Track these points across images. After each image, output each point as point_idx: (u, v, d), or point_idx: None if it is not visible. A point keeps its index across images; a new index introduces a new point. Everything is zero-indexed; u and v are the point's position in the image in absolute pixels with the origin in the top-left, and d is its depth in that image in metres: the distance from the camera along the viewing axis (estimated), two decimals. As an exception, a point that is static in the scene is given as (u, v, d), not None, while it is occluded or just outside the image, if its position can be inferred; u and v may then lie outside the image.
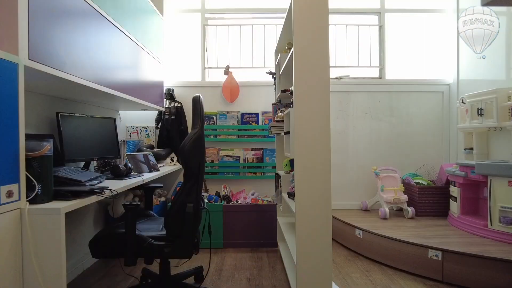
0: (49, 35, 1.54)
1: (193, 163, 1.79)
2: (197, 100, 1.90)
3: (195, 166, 1.80)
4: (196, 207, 1.85)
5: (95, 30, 1.98)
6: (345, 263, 2.64)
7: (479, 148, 2.93)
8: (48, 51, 1.53)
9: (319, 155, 1.77)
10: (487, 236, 2.47)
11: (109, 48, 2.17)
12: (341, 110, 3.58)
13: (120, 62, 2.35)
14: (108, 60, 2.16)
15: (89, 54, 1.91)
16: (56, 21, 1.60)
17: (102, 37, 2.08)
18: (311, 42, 1.76)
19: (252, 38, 3.65)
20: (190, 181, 1.80)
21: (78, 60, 1.79)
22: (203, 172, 1.92)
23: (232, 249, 3.00)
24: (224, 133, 3.43)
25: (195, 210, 1.83)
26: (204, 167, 2.01)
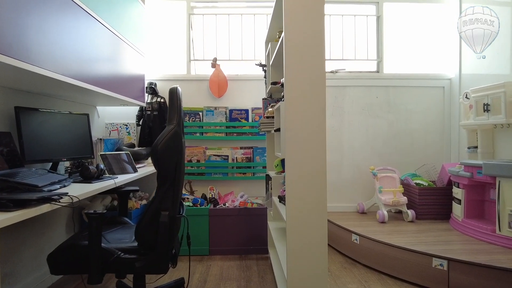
0: (10, 22, 1.32)
1: (168, 164, 1.55)
2: (174, 93, 1.66)
3: (171, 167, 1.56)
4: (173, 215, 1.61)
5: (66, 19, 1.76)
6: (342, 272, 2.43)
7: (484, 147, 2.73)
8: (8, 40, 1.31)
9: (313, 155, 1.55)
10: (495, 242, 2.28)
11: (83, 39, 1.95)
12: (336, 106, 3.36)
13: (95, 53, 2.13)
14: (82, 52, 1.94)
15: (60, 45, 1.70)
16: (19, 7, 1.38)
17: (75, 26, 1.86)
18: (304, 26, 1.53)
19: (241, 29, 3.41)
20: (165, 185, 1.56)
21: (46, 51, 1.58)
22: (182, 174, 1.68)
23: (219, 257, 2.77)
24: (211, 131, 3.19)
25: (171, 218, 1.60)
26: (183, 169, 1.77)
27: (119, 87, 2.55)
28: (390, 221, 2.89)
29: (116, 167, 2.37)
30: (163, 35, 3.38)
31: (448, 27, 3.40)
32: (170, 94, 1.66)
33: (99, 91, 2.18)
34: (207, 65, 3.30)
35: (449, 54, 3.38)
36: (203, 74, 3.31)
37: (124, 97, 2.63)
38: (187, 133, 3.20)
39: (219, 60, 3.27)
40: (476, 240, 2.37)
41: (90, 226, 1.47)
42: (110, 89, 2.37)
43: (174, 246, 1.75)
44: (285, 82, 1.54)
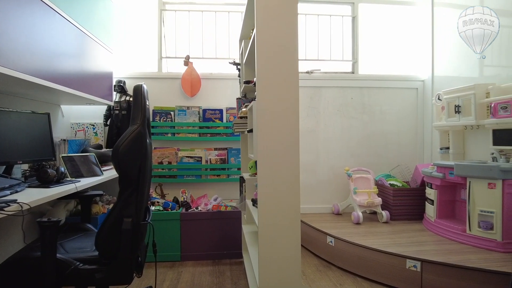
0: None
1: (130, 167, 1.44)
2: (139, 90, 1.55)
3: (134, 171, 1.45)
4: (137, 222, 1.50)
5: (25, 13, 1.63)
6: (316, 275, 2.38)
7: (456, 148, 2.78)
8: None
9: (286, 156, 1.48)
10: (466, 242, 2.30)
11: (40, 33, 1.81)
12: (311, 106, 3.33)
13: (56, 49, 1.99)
14: (39, 47, 1.80)
15: (10, 37, 1.55)
16: None
17: (35, 21, 1.73)
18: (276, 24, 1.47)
19: (215, 26, 3.31)
20: (127, 190, 1.45)
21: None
22: (147, 178, 1.57)
23: (191, 262, 2.66)
24: (183, 131, 3.07)
25: (135, 225, 1.48)
26: (149, 172, 1.66)
27: (85, 85, 2.41)
28: (365, 222, 2.88)
29: (80, 170, 2.22)
30: (133, 31, 3.23)
31: (421, 29, 3.44)
32: (135, 92, 1.55)
33: (61, 89, 2.04)
34: (180, 63, 3.18)
35: (422, 56, 3.42)
36: (175, 72, 3.19)
37: (89, 96, 2.48)
38: (157, 134, 3.07)
39: (192, 58, 3.16)
40: (448, 240, 2.39)
41: (43, 236, 1.33)
42: (74, 87, 2.23)
43: (139, 254, 1.64)
44: (257, 82, 1.47)
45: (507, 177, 2.08)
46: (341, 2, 3.46)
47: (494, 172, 2.12)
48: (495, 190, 2.13)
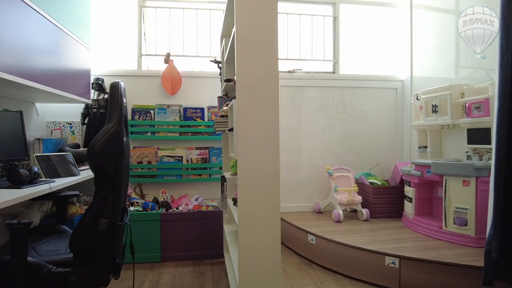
0: None
1: (106, 167, 1.39)
2: (116, 88, 1.51)
3: (110, 171, 1.41)
4: (113, 223, 1.46)
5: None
6: (297, 274, 2.39)
7: (433, 146, 2.85)
8: None
9: (266, 155, 1.47)
10: (442, 238, 2.36)
11: (14, 28, 1.75)
12: (293, 106, 3.34)
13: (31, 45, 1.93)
14: (13, 43, 1.75)
15: None
16: None
17: (4, 14, 1.66)
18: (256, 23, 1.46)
19: (196, 24, 3.27)
20: (103, 190, 1.41)
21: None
22: (123, 178, 1.53)
23: (172, 263, 2.62)
24: (163, 130, 3.02)
25: (112, 226, 1.44)
26: (126, 172, 1.62)
27: (60, 82, 2.33)
28: (345, 220, 2.91)
29: (56, 169, 2.14)
30: (112, 28, 3.15)
31: (400, 31, 3.51)
32: (111, 89, 1.51)
33: (34, 86, 1.96)
34: (160, 60, 3.13)
35: (402, 57, 3.49)
36: (156, 70, 3.14)
37: (66, 93, 2.40)
38: (137, 133, 3.01)
39: (172, 56, 3.10)
40: (426, 237, 2.45)
41: (12, 238, 1.28)
42: (49, 84, 2.15)
43: (116, 256, 1.60)
44: (236, 80, 1.46)
45: (480, 175, 2.15)
46: (323, 2, 3.48)
47: (468, 170, 2.18)
48: (469, 187, 2.20)
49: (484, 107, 2.25)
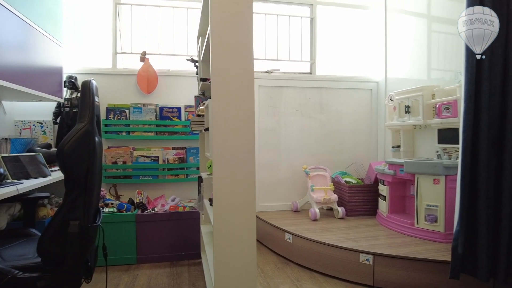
0: None
1: (76, 168, 1.35)
2: (87, 86, 1.47)
3: (80, 171, 1.37)
4: (85, 224, 1.42)
5: None
6: (275, 273, 2.41)
7: (406, 146, 2.93)
8: None
9: (242, 155, 1.47)
10: (414, 235, 2.44)
11: None
12: (272, 106, 3.36)
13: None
14: None
15: None
16: None
17: None
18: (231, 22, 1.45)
19: (173, 22, 3.23)
20: (74, 191, 1.37)
21: None
22: (96, 178, 1.49)
23: (148, 265, 2.58)
24: (139, 130, 2.96)
25: (83, 228, 1.40)
26: (99, 172, 1.58)
27: (29, 80, 2.24)
28: (322, 219, 2.96)
29: (25, 170, 2.06)
30: (85, 24, 3.06)
31: (375, 33, 3.59)
32: (83, 88, 1.47)
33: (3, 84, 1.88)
34: (136, 59, 3.07)
35: (377, 59, 3.58)
36: (131, 69, 3.07)
37: (35, 91, 2.31)
38: (111, 132, 2.94)
39: (148, 54, 3.05)
40: (399, 234, 2.52)
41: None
42: (16, 81, 2.06)
43: (89, 259, 1.56)
44: (211, 80, 1.45)
45: (449, 173, 2.23)
46: (300, 3, 3.52)
47: (438, 168, 2.26)
48: (439, 185, 2.28)
49: (453, 108, 2.34)
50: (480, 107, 1.68)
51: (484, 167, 1.66)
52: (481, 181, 1.68)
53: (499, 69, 1.65)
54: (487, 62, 1.66)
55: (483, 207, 1.67)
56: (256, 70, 3.34)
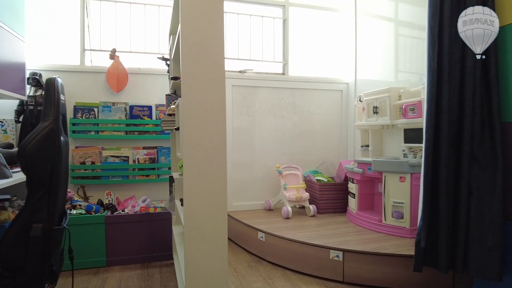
0: None
1: (40, 168, 1.31)
2: (52, 84, 1.42)
3: (44, 172, 1.32)
4: (49, 227, 1.37)
5: None
6: (248, 271, 2.42)
7: (374, 145, 3.03)
8: None
9: (212, 155, 1.47)
10: (382, 231, 2.53)
11: None
12: (245, 105, 3.37)
13: None
14: None
15: None
16: None
17: None
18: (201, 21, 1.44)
19: (144, 19, 3.16)
20: (37, 193, 1.32)
21: None
22: (61, 180, 1.44)
23: (118, 267, 2.52)
24: (108, 129, 2.89)
25: (47, 231, 1.35)
26: (64, 173, 1.53)
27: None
28: (294, 217, 3.01)
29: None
30: (52, 20, 2.94)
31: (345, 35, 3.69)
32: (47, 85, 1.42)
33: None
34: (105, 56, 2.98)
35: (347, 60, 3.67)
36: (100, 66, 2.98)
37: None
38: (79, 132, 2.84)
39: (118, 52, 2.98)
40: (368, 230, 2.61)
41: None
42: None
43: (53, 263, 1.50)
44: (182, 78, 1.44)
45: (414, 171, 2.33)
46: (273, 4, 3.56)
47: (404, 167, 2.36)
48: (405, 183, 2.38)
49: (418, 109, 2.45)
50: (441, 109, 1.77)
51: (444, 166, 1.76)
52: (441, 179, 1.77)
53: (457, 73, 1.75)
54: (446, 66, 1.75)
55: (443, 204, 1.76)
56: (229, 69, 3.35)
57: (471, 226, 1.70)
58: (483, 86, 1.71)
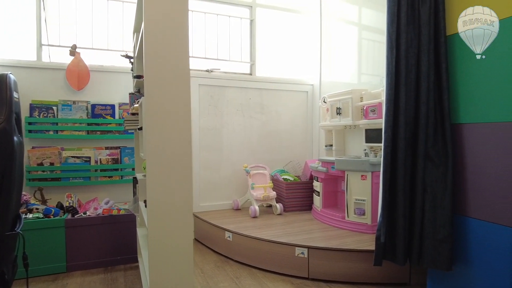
0: None
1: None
2: (3, 81, 1.35)
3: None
4: (0, 233, 1.29)
5: None
6: (215, 271, 2.42)
7: (338, 145, 3.14)
8: None
9: (177, 155, 1.46)
10: (345, 227, 2.62)
11: None
12: (213, 105, 3.35)
13: None
14: None
15: None
16: None
17: None
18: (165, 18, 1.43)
19: (107, 16, 3.06)
20: (-13, 196, 1.24)
21: None
22: (14, 182, 1.37)
23: (79, 272, 2.42)
24: (68, 128, 2.76)
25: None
26: (18, 175, 1.45)
27: None
28: (261, 215, 3.04)
29: None
30: (4, 11, 2.76)
31: (311, 38, 3.78)
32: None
33: None
34: (65, 52, 2.85)
35: (312, 62, 3.76)
36: (59, 63, 2.84)
37: None
38: (36, 131, 2.70)
39: (80, 48, 2.86)
40: (332, 227, 2.69)
41: None
42: None
43: (5, 270, 1.42)
44: (145, 77, 1.42)
45: (375, 170, 2.44)
46: (240, 4, 3.57)
47: (365, 165, 2.46)
48: (366, 181, 2.48)
49: (378, 110, 2.56)
50: (399, 110, 1.87)
51: (401, 164, 1.85)
52: (399, 177, 1.87)
53: (413, 76, 1.85)
54: (403, 70, 1.85)
55: (400, 200, 1.86)
56: (196, 68, 3.32)
57: (425, 221, 1.81)
58: (436, 90, 1.82)
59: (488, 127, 1.62)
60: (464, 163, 1.73)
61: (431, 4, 1.80)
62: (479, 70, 1.66)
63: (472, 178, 1.69)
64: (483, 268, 1.63)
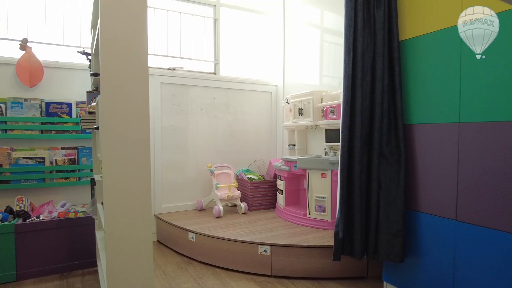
0: None
1: None
2: None
3: None
4: None
5: None
6: (177, 272, 2.39)
7: (300, 144, 3.22)
8: None
9: (135, 156, 1.43)
10: (306, 224, 2.69)
11: None
12: (176, 104, 3.30)
13: None
14: None
15: None
16: None
17: None
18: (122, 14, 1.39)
19: (63, 10, 2.91)
20: None
21: None
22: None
23: (31, 280, 2.29)
24: (19, 127, 2.60)
25: None
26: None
27: None
28: (225, 215, 3.04)
29: None
30: None
31: (275, 39, 3.83)
32: None
33: None
34: (14, 46, 2.67)
35: (276, 63, 3.82)
36: (8, 57, 2.67)
37: None
38: (-19, 131, 2.52)
39: (31, 42, 2.70)
40: (294, 224, 2.75)
41: None
42: None
43: None
44: (101, 74, 1.37)
45: (334, 168, 2.53)
46: (204, 3, 3.54)
47: (325, 164, 2.54)
48: (326, 179, 2.57)
49: (337, 111, 2.66)
50: (355, 111, 1.95)
51: (357, 163, 1.94)
52: (355, 175, 1.95)
53: (368, 79, 1.94)
54: (360, 72, 1.94)
55: (357, 197, 1.94)
56: (158, 66, 3.26)
57: (380, 216, 1.91)
58: (390, 92, 1.92)
59: (434, 128, 1.74)
60: (415, 161, 1.84)
61: (385, 9, 1.90)
62: (427, 73, 1.77)
63: (422, 175, 1.80)
64: (431, 259, 1.75)
